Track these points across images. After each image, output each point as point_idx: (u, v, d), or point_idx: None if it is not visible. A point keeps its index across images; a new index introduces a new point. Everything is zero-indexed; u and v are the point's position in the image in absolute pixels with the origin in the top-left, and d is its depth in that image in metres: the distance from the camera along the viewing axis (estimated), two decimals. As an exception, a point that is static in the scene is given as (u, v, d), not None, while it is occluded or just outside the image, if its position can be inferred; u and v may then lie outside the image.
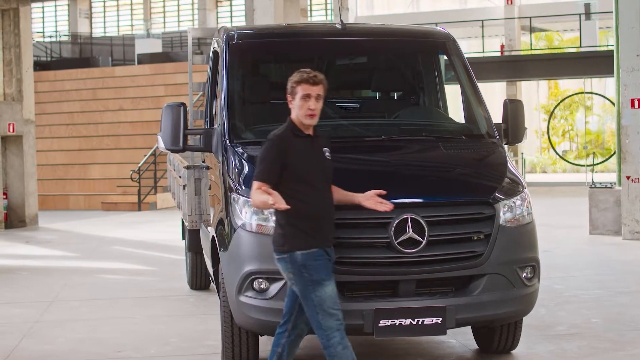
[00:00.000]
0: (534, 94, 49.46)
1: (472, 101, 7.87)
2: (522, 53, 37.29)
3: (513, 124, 7.72)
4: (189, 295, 10.83)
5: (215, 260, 7.41)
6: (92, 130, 29.11)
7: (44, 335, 8.79)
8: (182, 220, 11.21)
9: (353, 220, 6.42)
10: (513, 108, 7.76)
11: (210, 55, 8.61)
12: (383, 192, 6.12)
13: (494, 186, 6.76)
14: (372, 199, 6.07)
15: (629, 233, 15.17)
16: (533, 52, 38.43)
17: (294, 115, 5.97)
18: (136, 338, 8.54)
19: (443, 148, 7.19)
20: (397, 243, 6.29)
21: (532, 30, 38.33)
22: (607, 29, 41.22)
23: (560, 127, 48.10)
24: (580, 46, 33.27)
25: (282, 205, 5.65)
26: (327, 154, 6.05)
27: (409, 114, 8.14)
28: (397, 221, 6.31)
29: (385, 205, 6.03)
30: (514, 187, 6.87)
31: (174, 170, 11.27)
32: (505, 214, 6.66)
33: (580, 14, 33.22)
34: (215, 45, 8.34)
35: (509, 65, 33.38)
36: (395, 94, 8.71)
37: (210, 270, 7.92)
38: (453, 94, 8.78)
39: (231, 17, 45.44)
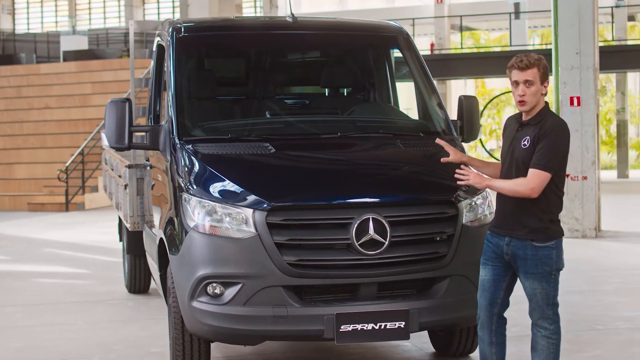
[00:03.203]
0: (462, 92, 49.77)
1: (428, 97, 7.65)
2: (451, 52, 37.41)
3: (468, 121, 7.55)
4: (128, 299, 10.44)
5: (163, 264, 7.09)
6: (17, 129, 28.34)
7: (-21, 344, 8.36)
8: (120, 221, 10.81)
9: (311, 221, 6.16)
10: (468, 104, 7.58)
11: (154, 49, 8.23)
12: None
13: (456, 185, 6.50)
14: None
15: (568, 231, 15.15)
16: (463, 51, 38.54)
17: None
18: (78, 345, 8.16)
19: (402, 145, 6.94)
20: (358, 245, 6.05)
21: (462, 29, 38.49)
22: (535, 28, 41.67)
23: (487, 125, 48.48)
24: (511, 45, 33.47)
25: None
26: (524, 143, 5.62)
27: (364, 111, 7.91)
28: (358, 222, 6.07)
29: None
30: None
31: (112, 169, 10.85)
32: (467, 213, 6.47)
33: (510, 13, 33.40)
34: (160, 39, 7.98)
35: (440, 63, 33.38)
36: (347, 89, 8.46)
37: (156, 274, 7.56)
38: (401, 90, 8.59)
39: (159, 14, 44.83)
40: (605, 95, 43.69)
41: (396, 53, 8.17)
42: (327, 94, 8.48)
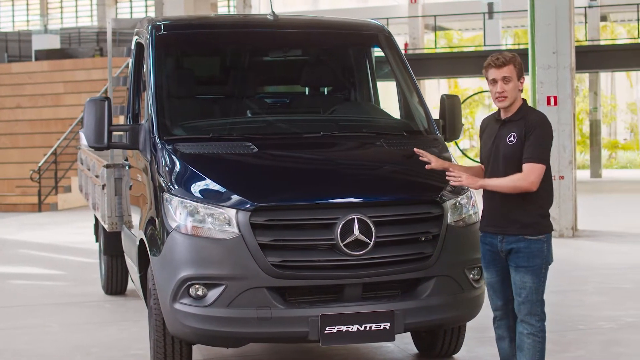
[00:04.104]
0: (436, 92, 49.83)
1: (410, 96, 7.58)
2: (425, 52, 37.40)
3: (450, 120, 7.50)
4: (105, 300, 10.30)
5: (143, 265, 6.97)
6: (-12, 129, 28.08)
7: (-46, 347, 8.21)
8: (97, 221, 10.67)
9: (296, 222, 6.08)
10: (450, 103, 7.53)
11: (133, 47, 8.11)
12: None
13: (441, 185, 6.45)
14: None
15: (545, 231, 15.11)
16: (436, 50, 38.54)
17: None
18: (56, 348, 8.02)
19: (385, 145, 6.86)
20: (343, 245, 5.97)
21: (436, 29, 38.47)
22: (508, 28, 41.75)
23: (460, 125, 48.51)
24: (484, 45, 33.51)
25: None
26: (509, 139, 5.66)
27: (346, 110, 7.83)
28: (343, 222, 5.99)
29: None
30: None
31: (89, 169, 10.71)
32: (452, 213, 6.41)
33: (484, 13, 33.43)
34: (138, 37, 7.86)
35: (414, 63, 33.02)
36: (328, 88, 8.37)
37: (136, 275, 7.44)
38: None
39: (131, 13, 44.58)
40: (578, 95, 43.88)
41: (378, 52, 8.10)
42: (308, 93, 8.39)
